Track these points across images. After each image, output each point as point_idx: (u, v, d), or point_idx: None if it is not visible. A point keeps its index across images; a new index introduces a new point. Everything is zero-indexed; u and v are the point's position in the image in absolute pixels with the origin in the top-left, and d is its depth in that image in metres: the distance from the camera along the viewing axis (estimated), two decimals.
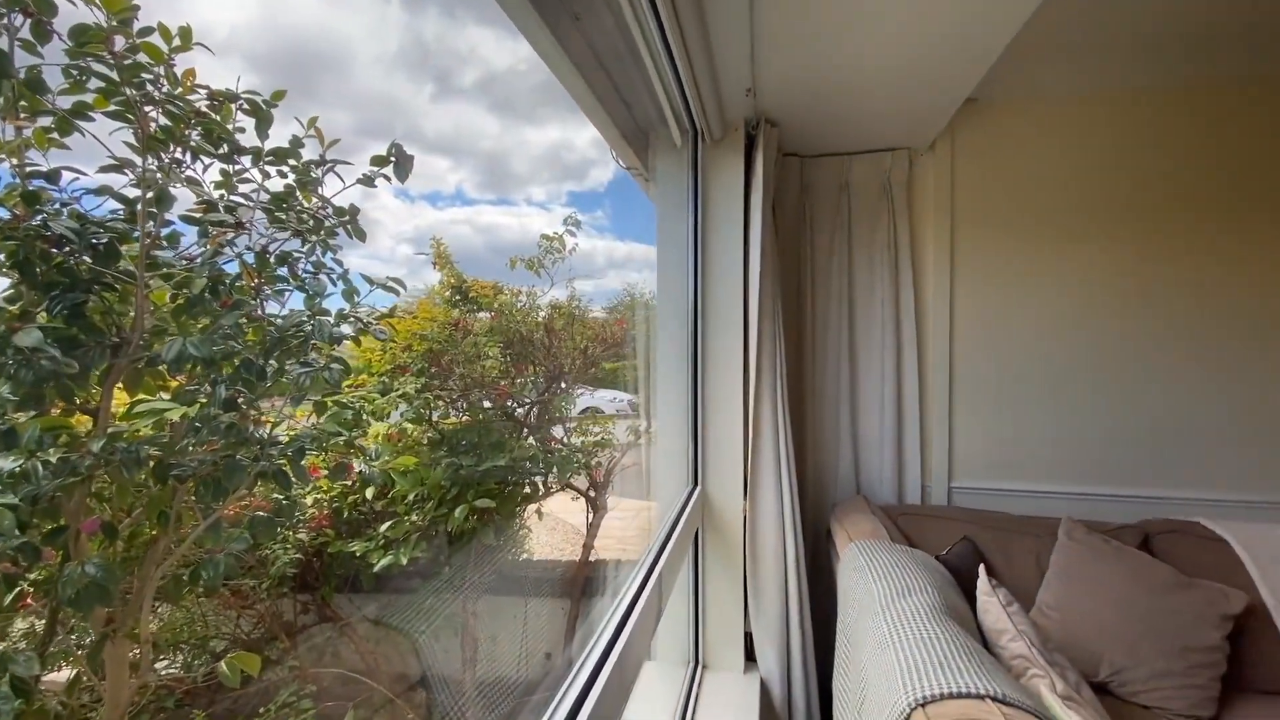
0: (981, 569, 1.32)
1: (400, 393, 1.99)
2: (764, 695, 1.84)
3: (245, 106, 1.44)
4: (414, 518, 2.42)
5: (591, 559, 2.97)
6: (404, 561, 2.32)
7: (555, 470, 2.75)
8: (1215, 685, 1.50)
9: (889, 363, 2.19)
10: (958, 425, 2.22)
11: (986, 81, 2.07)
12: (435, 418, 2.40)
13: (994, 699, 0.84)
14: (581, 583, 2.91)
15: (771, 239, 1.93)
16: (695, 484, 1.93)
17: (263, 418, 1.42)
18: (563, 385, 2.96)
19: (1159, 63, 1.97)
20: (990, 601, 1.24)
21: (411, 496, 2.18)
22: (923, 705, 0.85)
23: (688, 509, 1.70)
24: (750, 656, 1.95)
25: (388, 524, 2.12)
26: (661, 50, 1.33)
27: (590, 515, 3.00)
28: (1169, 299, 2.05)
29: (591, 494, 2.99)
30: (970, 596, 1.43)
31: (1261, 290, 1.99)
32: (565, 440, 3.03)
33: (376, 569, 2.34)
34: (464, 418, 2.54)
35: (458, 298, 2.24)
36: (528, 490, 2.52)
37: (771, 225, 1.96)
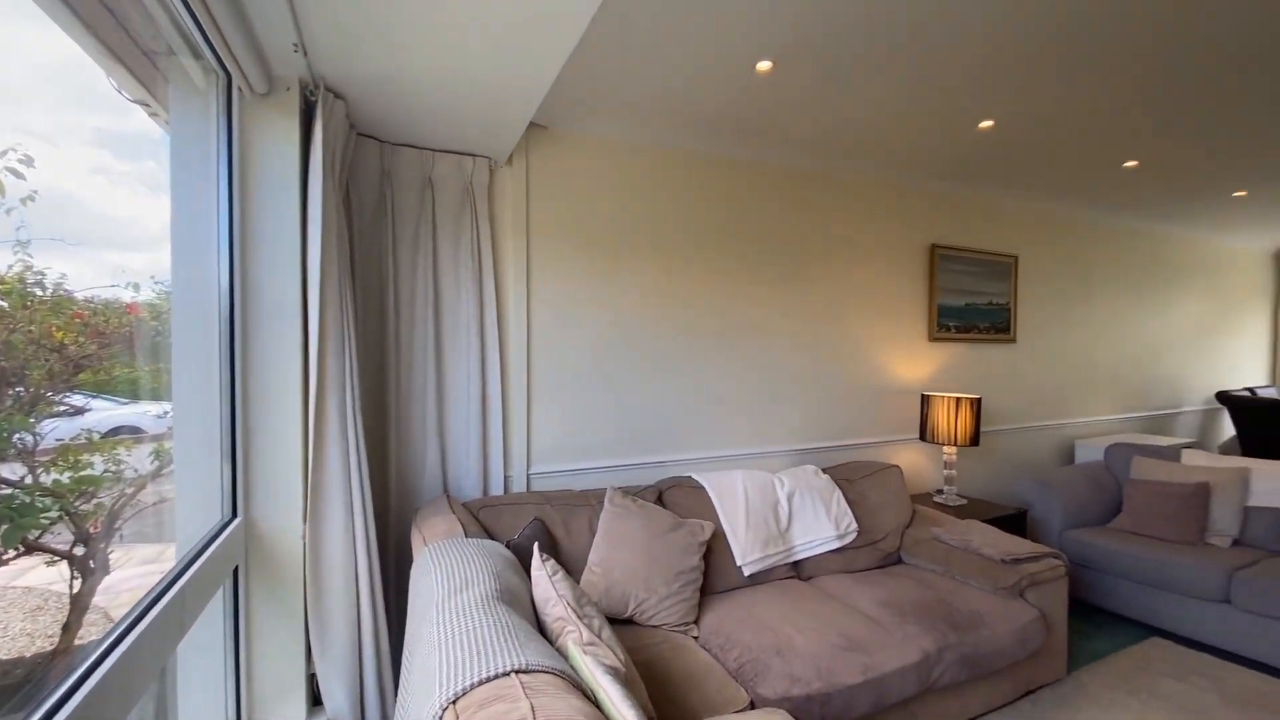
0: (535, 546, 1.46)
1: None
2: None
3: None
4: None
5: (79, 642, 2.12)
6: None
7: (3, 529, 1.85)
8: (696, 596, 2.05)
9: (474, 361, 2.25)
10: (535, 417, 2.44)
11: (554, 113, 2.35)
12: None
13: (518, 671, 0.90)
14: (60, 675, 2.04)
15: (340, 222, 1.72)
16: (234, 514, 1.56)
17: None
18: (22, 393, 2.01)
19: (678, 131, 2.59)
20: (540, 574, 1.38)
21: None
22: (454, 702, 0.85)
23: (213, 547, 1.36)
24: (317, 700, 1.70)
25: None
26: None
27: (77, 582, 2.14)
28: (676, 312, 2.73)
29: (79, 551, 2.14)
30: None
31: (727, 309, 2.85)
32: (32, 479, 2.06)
33: None
34: None
35: None
36: None
37: (340, 207, 1.75)
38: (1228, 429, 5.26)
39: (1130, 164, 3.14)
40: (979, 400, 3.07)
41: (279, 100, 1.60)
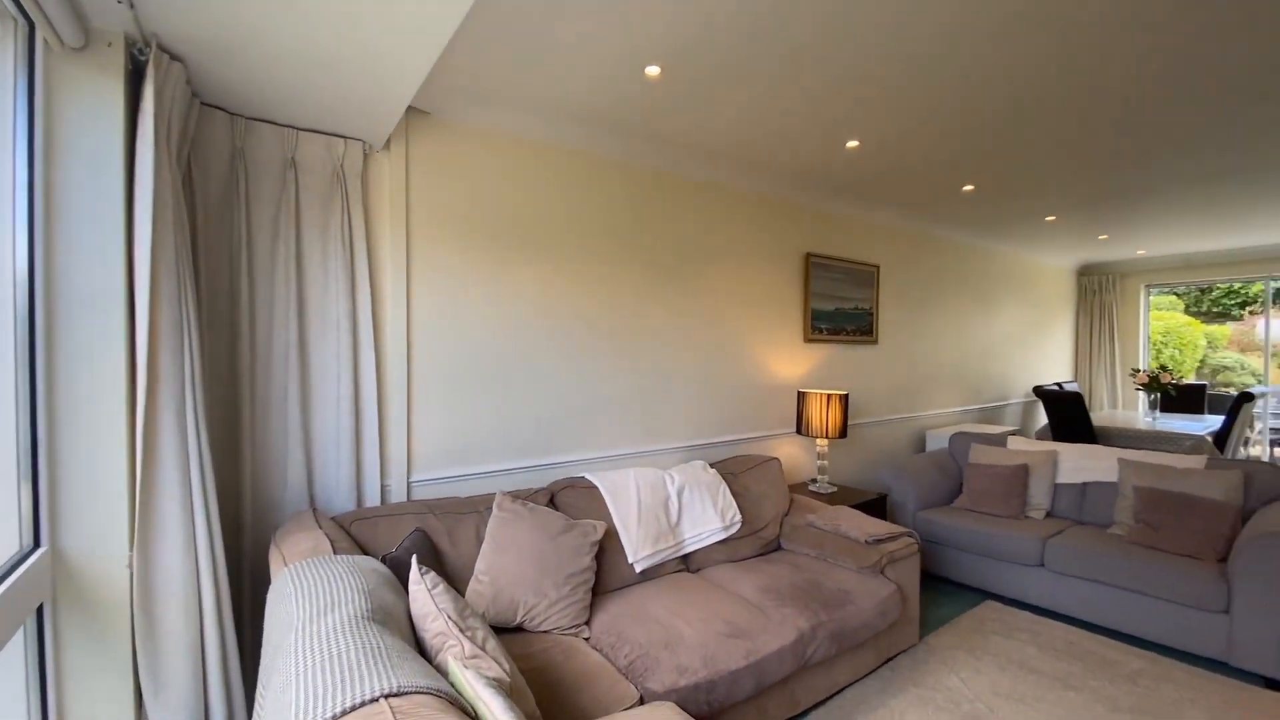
0: (414, 559, 1.37)
1: None
2: None
3: None
4: None
5: None
6: None
7: None
8: (588, 597, 2.03)
9: (346, 361, 2.07)
10: (416, 421, 2.30)
11: (438, 98, 2.23)
12: None
13: (388, 695, 0.84)
14: None
15: (177, 202, 1.51)
16: (36, 544, 1.32)
17: None
18: None
19: (571, 129, 2.56)
20: (418, 589, 1.30)
21: None
22: None
23: (7, 584, 1.13)
24: None
25: None
26: None
27: None
28: (568, 311, 2.70)
29: None
30: None
31: (619, 310, 2.86)
32: None
33: None
34: None
35: None
36: None
37: (177, 185, 1.53)
38: (1042, 418, 6.19)
39: (968, 188, 3.59)
40: (847, 396, 3.35)
41: (98, 57, 1.37)
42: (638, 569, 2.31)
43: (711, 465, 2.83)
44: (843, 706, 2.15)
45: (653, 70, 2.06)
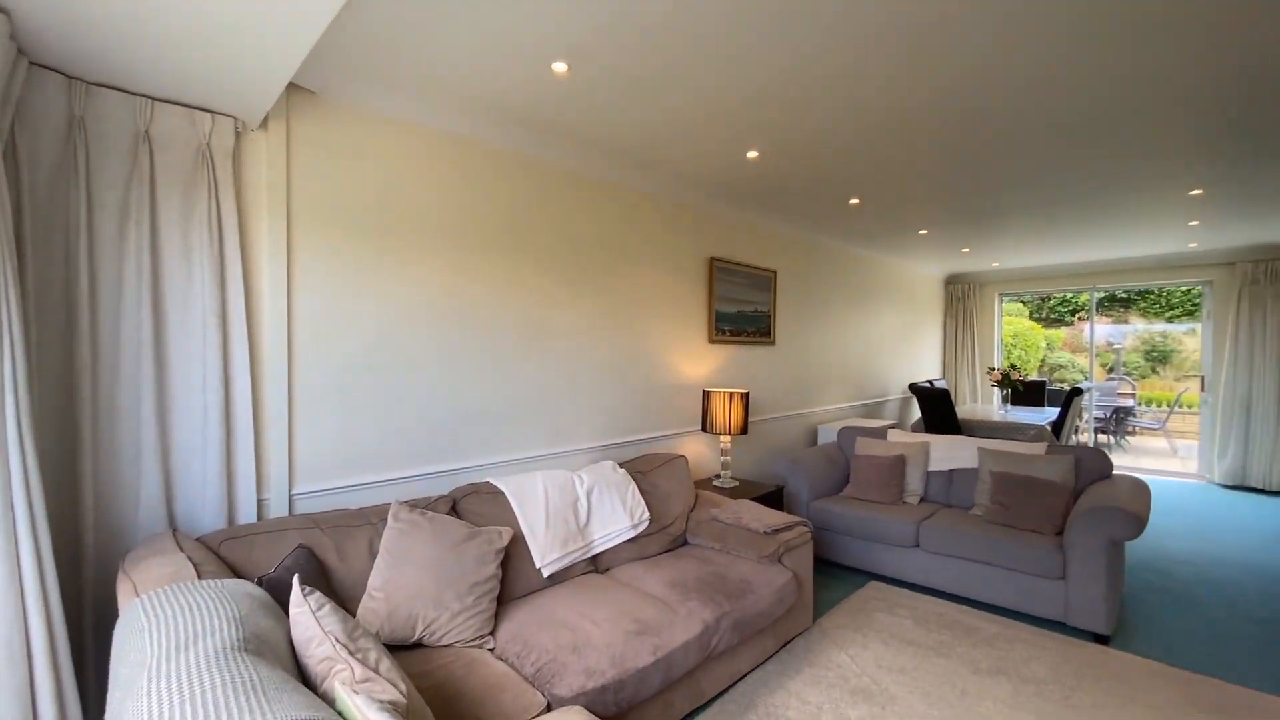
0: (295, 579, 1.25)
1: None
2: None
3: None
4: None
5: None
6: None
7: None
8: (493, 607, 1.97)
9: (214, 363, 1.85)
10: (299, 428, 2.11)
11: (326, 78, 2.06)
12: None
13: None
14: None
15: None
16: None
17: None
18: None
19: (476, 121, 2.45)
20: (300, 612, 1.19)
21: None
22: None
23: None
24: None
25: None
26: None
27: None
28: (470, 310, 2.60)
29: None
30: None
31: (525, 310, 2.80)
32: None
33: None
34: None
35: None
36: None
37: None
38: (917, 412, 6.83)
39: (854, 201, 3.88)
40: (747, 394, 3.50)
41: None
42: (545, 573, 2.26)
43: (621, 465, 2.85)
44: (745, 692, 2.24)
45: (560, 67, 2.04)
